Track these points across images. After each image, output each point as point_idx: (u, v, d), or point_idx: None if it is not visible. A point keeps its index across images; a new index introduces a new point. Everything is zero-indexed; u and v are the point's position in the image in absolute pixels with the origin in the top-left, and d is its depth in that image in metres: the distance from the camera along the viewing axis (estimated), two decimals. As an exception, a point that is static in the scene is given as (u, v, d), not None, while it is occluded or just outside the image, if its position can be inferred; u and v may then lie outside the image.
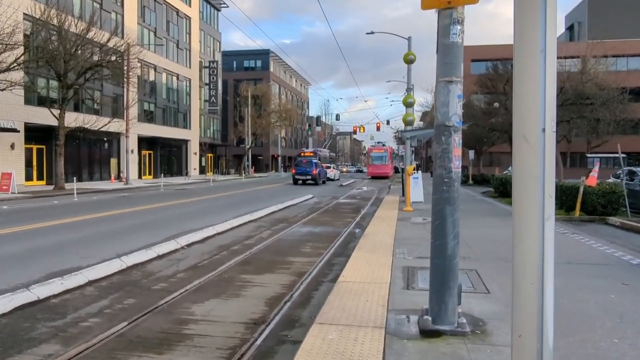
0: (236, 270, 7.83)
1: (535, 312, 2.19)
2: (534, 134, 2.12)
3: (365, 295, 5.62)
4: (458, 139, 4.34)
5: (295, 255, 9.11)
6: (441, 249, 4.40)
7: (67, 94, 26.49)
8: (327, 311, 5.05)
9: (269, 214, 15.76)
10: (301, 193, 25.39)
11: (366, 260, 7.64)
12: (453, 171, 4.37)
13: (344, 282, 6.24)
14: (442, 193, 4.38)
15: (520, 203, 2.17)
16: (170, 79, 48.60)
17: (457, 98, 4.27)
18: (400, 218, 13.49)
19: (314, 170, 36.57)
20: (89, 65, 26.45)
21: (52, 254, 8.80)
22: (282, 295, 6.39)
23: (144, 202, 19.76)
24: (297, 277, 7.37)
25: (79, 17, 28.37)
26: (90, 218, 14.06)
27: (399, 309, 5.16)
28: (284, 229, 12.59)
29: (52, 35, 25.15)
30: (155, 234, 11.18)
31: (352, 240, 10.73)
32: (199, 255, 9.01)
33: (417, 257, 7.91)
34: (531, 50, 2.13)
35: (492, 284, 6.19)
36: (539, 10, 2.19)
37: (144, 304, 5.91)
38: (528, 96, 2.11)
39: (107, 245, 9.79)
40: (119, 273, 7.47)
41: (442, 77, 4.27)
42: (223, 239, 10.88)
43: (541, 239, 2.16)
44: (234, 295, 6.40)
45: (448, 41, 4.22)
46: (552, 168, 2.25)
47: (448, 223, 4.36)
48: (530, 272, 2.17)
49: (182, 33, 50.77)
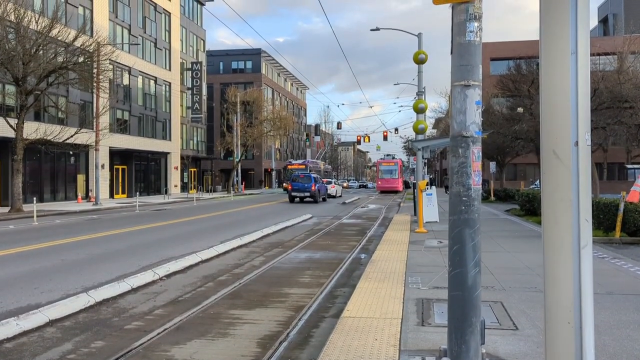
0: (223, 304, 7.78)
1: (572, 357, 2.16)
2: (565, 149, 2.11)
3: (374, 334, 5.57)
4: (477, 151, 4.32)
5: (292, 286, 9.06)
6: (460, 279, 4.35)
7: (27, 100, 26.52)
8: (330, 353, 5.00)
9: (261, 238, 15.73)
10: (299, 212, 25.37)
11: (374, 291, 7.59)
12: (472, 188, 4.34)
13: (348, 318, 6.20)
14: (460, 214, 4.35)
15: (551, 229, 2.15)
16: (148, 83, 48.89)
17: (475, 104, 4.27)
18: (413, 241, 13.46)
19: (313, 186, 36.58)
20: (52, 68, 26.52)
21: (6, 289, 8.73)
22: (277, 333, 6.34)
23: (116, 225, 19.71)
24: (295, 312, 7.32)
25: (40, 12, 28.59)
26: (53, 245, 14.00)
27: (413, 349, 5.11)
28: (279, 254, 12.54)
29: (9, 33, 25.24)
30: (129, 263, 11.12)
31: (357, 268, 10.68)
32: (180, 288, 8.95)
33: (432, 287, 7.87)
34: (560, 52, 2.12)
35: (521, 318, 6.15)
36: (568, 5, 2.19)
37: (115, 347, 5.84)
38: (557, 105, 2.10)
39: (72, 277, 9.73)
40: (85, 310, 7.41)
41: (458, 81, 4.27)
42: (208, 268, 10.83)
43: (577, 271, 2.13)
44: (220, 334, 6.34)
45: (464, 40, 4.23)
46: (588, 187, 2.23)
47: (467, 249, 4.32)
48: (565, 310, 2.14)
49: (161, 30, 51.21)
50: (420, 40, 20.06)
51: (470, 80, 4.24)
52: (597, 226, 14.67)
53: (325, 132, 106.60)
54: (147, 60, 48.40)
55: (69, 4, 36.90)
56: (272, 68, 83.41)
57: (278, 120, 65.70)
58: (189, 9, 58.80)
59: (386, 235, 14.95)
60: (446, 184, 51.96)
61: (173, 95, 53.01)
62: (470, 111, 4.26)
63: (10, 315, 6.89)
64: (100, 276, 9.75)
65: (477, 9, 4.18)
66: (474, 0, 4.12)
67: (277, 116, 66.81)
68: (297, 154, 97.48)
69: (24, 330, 6.34)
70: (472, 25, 4.18)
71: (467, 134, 4.27)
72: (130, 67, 44.84)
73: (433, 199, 18.87)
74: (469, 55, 4.24)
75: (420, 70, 20.63)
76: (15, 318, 6.54)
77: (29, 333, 6.34)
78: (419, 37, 20.14)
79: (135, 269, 10.46)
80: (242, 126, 59.12)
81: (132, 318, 7.11)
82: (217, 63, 76.32)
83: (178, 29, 54.45)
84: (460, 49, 4.25)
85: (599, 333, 5.12)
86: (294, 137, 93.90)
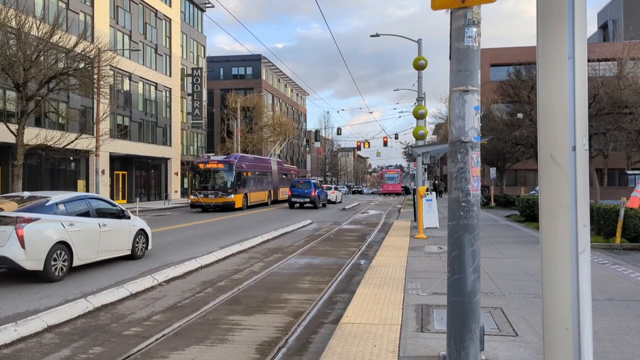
0: (223, 310, 7.76)
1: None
2: (562, 153, 2.10)
3: (373, 340, 5.55)
4: (476, 156, 4.32)
5: (292, 292, 9.04)
6: (459, 285, 4.34)
7: (27, 106, 26.53)
8: (328, 359, 4.98)
9: (261, 244, 15.71)
10: (298, 218, 25.35)
11: (373, 297, 7.58)
12: (471, 194, 4.34)
13: (347, 324, 6.18)
14: (459, 220, 4.35)
15: (548, 234, 2.13)
16: (148, 88, 48.98)
17: (474, 110, 4.27)
18: (412, 247, 13.44)
19: (313, 192, 36.62)
20: (52, 74, 26.54)
21: (4, 294, 8.71)
22: (276, 339, 6.32)
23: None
24: (294, 318, 7.30)
25: (41, 18, 28.69)
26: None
27: (412, 355, 5.09)
28: (279, 260, 12.52)
29: (10, 39, 25.32)
30: (127, 269, 11.10)
31: (356, 274, 10.67)
32: (179, 294, 8.93)
33: (432, 293, 7.85)
34: (557, 57, 2.12)
35: (521, 324, 6.13)
36: (565, 9, 2.18)
37: (113, 353, 5.82)
38: (555, 109, 2.10)
39: (70, 282, 9.71)
40: (84, 316, 7.39)
41: (457, 86, 4.28)
42: (207, 274, 10.81)
43: (575, 277, 2.11)
44: (219, 340, 6.32)
45: (462, 45, 4.24)
46: (586, 192, 2.22)
47: (467, 254, 4.31)
48: (563, 316, 2.12)
49: (162, 36, 51.34)
50: (420, 46, 20.10)
51: (469, 86, 4.25)
52: (598, 232, 14.65)
53: (325, 138, 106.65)
54: (148, 66, 48.49)
55: (70, 10, 37.03)
56: (272, 74, 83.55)
57: (278, 126, 65.82)
58: (189, 15, 58.97)
59: (386, 241, 14.93)
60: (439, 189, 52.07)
61: (173, 101, 53.08)
62: (469, 116, 4.26)
63: (8, 320, 6.87)
64: (98, 282, 9.74)
65: (475, 15, 4.18)
66: (472, 6, 4.13)
67: (277, 122, 66.95)
68: (297, 159, 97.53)
69: (21, 336, 6.31)
70: (470, 31, 4.18)
71: (465, 139, 4.27)
72: (131, 72, 44.92)
73: (433, 205, 18.90)
74: (467, 61, 4.25)
75: (420, 76, 20.66)
76: (14, 324, 6.51)
77: (27, 339, 6.32)
78: (418, 43, 20.18)
79: (134, 274, 10.45)
80: (242, 132, 59.17)
81: (131, 324, 7.08)
82: (217, 69, 76.46)
83: (178, 35, 54.60)
84: (458, 54, 4.26)
85: (599, 339, 5.09)
86: (294, 143, 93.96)
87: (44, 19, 29.19)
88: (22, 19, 25.37)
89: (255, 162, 39.85)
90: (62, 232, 9.89)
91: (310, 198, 36.51)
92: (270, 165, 43.39)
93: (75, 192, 12.36)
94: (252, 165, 38.27)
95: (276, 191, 43.33)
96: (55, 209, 10.18)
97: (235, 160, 34.89)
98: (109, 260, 11.67)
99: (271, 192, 41.83)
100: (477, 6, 4.13)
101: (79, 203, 10.93)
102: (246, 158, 38.51)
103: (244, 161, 36.65)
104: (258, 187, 38.56)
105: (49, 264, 9.49)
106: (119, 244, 11.73)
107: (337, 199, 46.79)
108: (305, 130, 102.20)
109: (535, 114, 11.67)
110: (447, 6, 4.22)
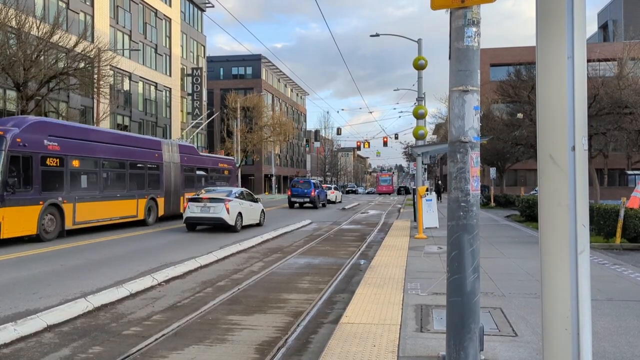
0: (222, 310, 7.75)
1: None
2: (562, 153, 2.10)
3: (372, 340, 5.55)
4: (476, 156, 4.32)
5: (291, 292, 9.04)
6: (459, 285, 4.34)
7: (27, 106, 26.58)
8: (328, 359, 4.98)
9: (261, 243, 15.70)
10: (298, 218, 25.35)
11: (373, 297, 7.57)
12: (471, 194, 4.34)
13: (347, 324, 6.18)
14: (458, 219, 4.34)
15: (547, 234, 2.13)
16: (148, 88, 48.97)
17: (473, 110, 4.27)
18: (412, 247, 13.44)
19: (313, 192, 36.63)
20: (53, 73, 26.61)
21: (3, 294, 8.71)
22: (276, 339, 6.31)
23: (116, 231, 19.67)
24: (293, 318, 7.30)
25: (41, 18, 28.70)
26: (50, 251, 13.98)
27: (412, 355, 5.09)
28: (278, 260, 12.52)
29: (10, 39, 25.33)
30: (127, 269, 11.10)
31: (356, 274, 10.67)
32: (178, 293, 8.93)
33: (431, 293, 7.85)
34: (557, 56, 2.12)
35: (520, 324, 6.13)
36: (564, 9, 2.18)
37: (112, 353, 5.82)
38: (554, 109, 2.09)
39: (70, 282, 9.71)
40: (84, 315, 7.38)
41: (456, 86, 4.27)
42: (207, 274, 10.81)
43: (574, 277, 2.11)
44: (219, 340, 6.32)
45: (462, 45, 4.24)
46: (585, 192, 2.22)
47: (466, 254, 4.31)
48: (562, 316, 2.12)
49: (162, 36, 51.34)
50: (420, 46, 20.09)
51: (469, 86, 4.24)
52: (598, 232, 14.64)
53: (325, 138, 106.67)
54: (148, 65, 48.50)
55: (70, 10, 37.05)
56: (272, 74, 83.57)
57: (278, 125, 65.83)
58: (189, 15, 58.98)
59: (385, 241, 14.93)
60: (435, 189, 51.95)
61: (173, 100, 53.10)
62: (469, 116, 4.25)
63: (8, 320, 6.86)
64: (98, 281, 9.73)
65: (475, 15, 4.18)
66: (472, 6, 4.13)
67: (277, 122, 66.94)
68: (297, 159, 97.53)
69: (21, 336, 6.30)
70: (470, 31, 4.18)
71: (465, 139, 4.27)
72: (131, 72, 44.93)
73: (433, 205, 18.90)
74: (467, 61, 4.24)
75: (420, 76, 20.66)
76: (13, 323, 6.51)
77: (27, 338, 6.31)
78: (418, 42, 20.17)
79: (134, 274, 10.44)
80: (242, 132, 59.17)
81: (131, 323, 7.08)
82: (217, 69, 76.49)
83: (178, 34, 54.60)
84: (458, 54, 4.25)
85: (598, 339, 5.09)
86: (293, 143, 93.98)
87: (44, 19, 29.21)
88: (22, 19, 25.42)
89: (86, 137, 18.72)
90: (239, 207, 19.23)
91: (310, 198, 36.53)
92: (154, 152, 23.17)
93: (239, 188, 25.37)
94: (75, 145, 17.77)
95: (172, 197, 24.17)
96: (233, 196, 19.34)
97: (13, 129, 15.15)
98: (106, 259, 11.74)
99: (153, 201, 22.42)
100: (476, 6, 4.13)
101: (240, 193, 20.44)
102: (54, 127, 17.27)
103: (40, 132, 16.13)
104: (108, 190, 19.72)
105: (237, 222, 18.96)
106: (255, 217, 21.17)
107: (337, 198, 46.83)
108: (305, 130, 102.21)
109: (535, 114, 11.69)
110: (446, 6, 4.21)
